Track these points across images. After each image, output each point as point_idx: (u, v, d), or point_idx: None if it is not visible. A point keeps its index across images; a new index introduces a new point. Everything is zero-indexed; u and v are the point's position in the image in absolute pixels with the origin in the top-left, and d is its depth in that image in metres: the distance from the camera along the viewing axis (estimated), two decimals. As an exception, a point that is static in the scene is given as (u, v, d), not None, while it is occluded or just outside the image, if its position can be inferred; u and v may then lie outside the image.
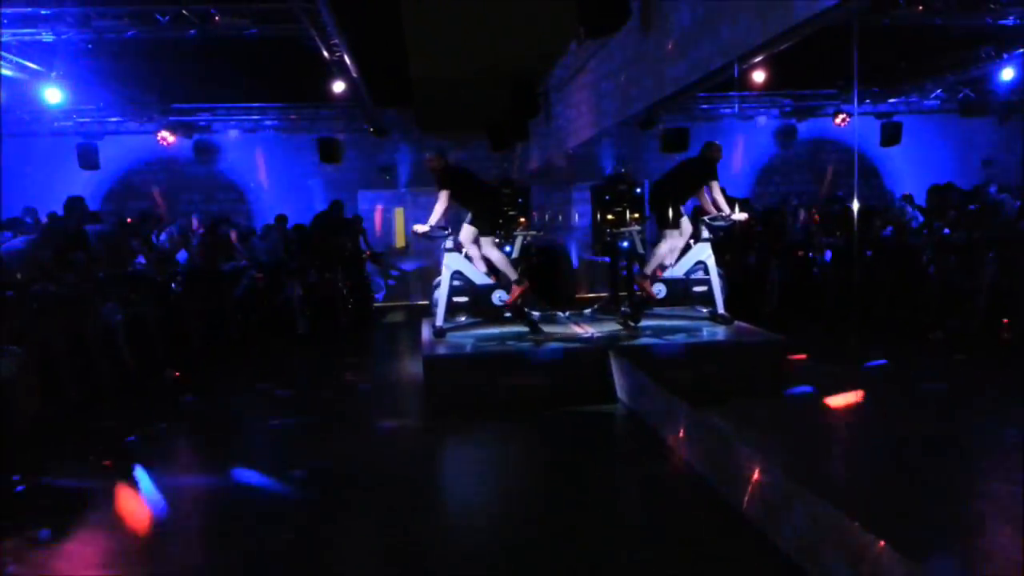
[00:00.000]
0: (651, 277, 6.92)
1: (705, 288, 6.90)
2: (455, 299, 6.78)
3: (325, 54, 8.52)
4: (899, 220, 9.25)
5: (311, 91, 11.11)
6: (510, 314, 6.88)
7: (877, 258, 9.01)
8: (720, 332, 6.67)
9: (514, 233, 6.94)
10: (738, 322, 6.83)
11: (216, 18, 7.53)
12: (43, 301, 6.11)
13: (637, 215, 7.28)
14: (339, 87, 10.17)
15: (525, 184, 12.85)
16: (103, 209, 11.85)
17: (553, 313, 7.84)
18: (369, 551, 3.58)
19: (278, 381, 7.18)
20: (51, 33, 7.55)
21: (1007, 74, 10.32)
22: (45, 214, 9.42)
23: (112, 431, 5.54)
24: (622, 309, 7.28)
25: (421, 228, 6.72)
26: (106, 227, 8.14)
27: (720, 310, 6.85)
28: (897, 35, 8.75)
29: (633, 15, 6.29)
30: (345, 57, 8.69)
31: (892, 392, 6.02)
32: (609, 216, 7.53)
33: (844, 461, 4.80)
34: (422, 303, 10.34)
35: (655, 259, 7.03)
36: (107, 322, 6.76)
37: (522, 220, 7.13)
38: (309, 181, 13.09)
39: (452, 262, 6.75)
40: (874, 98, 12.31)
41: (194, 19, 7.51)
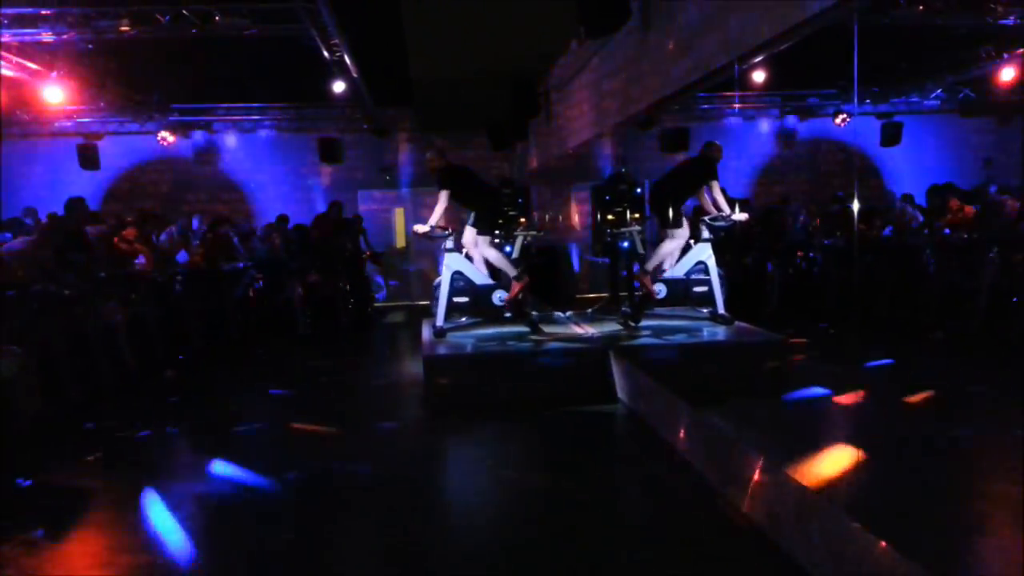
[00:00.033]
0: (652, 274, 6.92)
1: (705, 288, 6.91)
2: (455, 299, 6.78)
3: (325, 54, 8.53)
4: (900, 220, 9.24)
5: (311, 91, 11.13)
6: (510, 314, 6.87)
7: (877, 258, 9.01)
8: (720, 332, 6.66)
9: (514, 233, 6.95)
10: (738, 322, 6.83)
11: (217, 18, 7.54)
12: (43, 301, 6.11)
13: (637, 215, 7.28)
14: (339, 87, 10.19)
15: (525, 184, 12.86)
16: (103, 209, 11.85)
17: (554, 313, 7.84)
18: (369, 551, 3.58)
19: (278, 381, 7.19)
20: (52, 33, 7.56)
21: (1007, 74, 10.31)
22: (45, 214, 9.42)
23: (113, 431, 5.55)
24: (622, 309, 7.28)
25: (421, 228, 6.72)
26: (106, 228, 8.13)
27: (720, 310, 6.85)
28: (897, 35, 8.75)
29: (634, 15, 6.29)
30: (345, 57, 8.70)
31: (893, 392, 6.02)
32: (609, 216, 7.54)
33: (845, 461, 4.79)
34: (423, 303, 10.34)
35: (657, 256, 7.05)
36: (108, 322, 6.76)
37: (522, 220, 7.12)
38: (310, 181, 13.10)
39: (452, 262, 6.75)
40: (874, 98, 12.31)
41: (195, 19, 7.52)
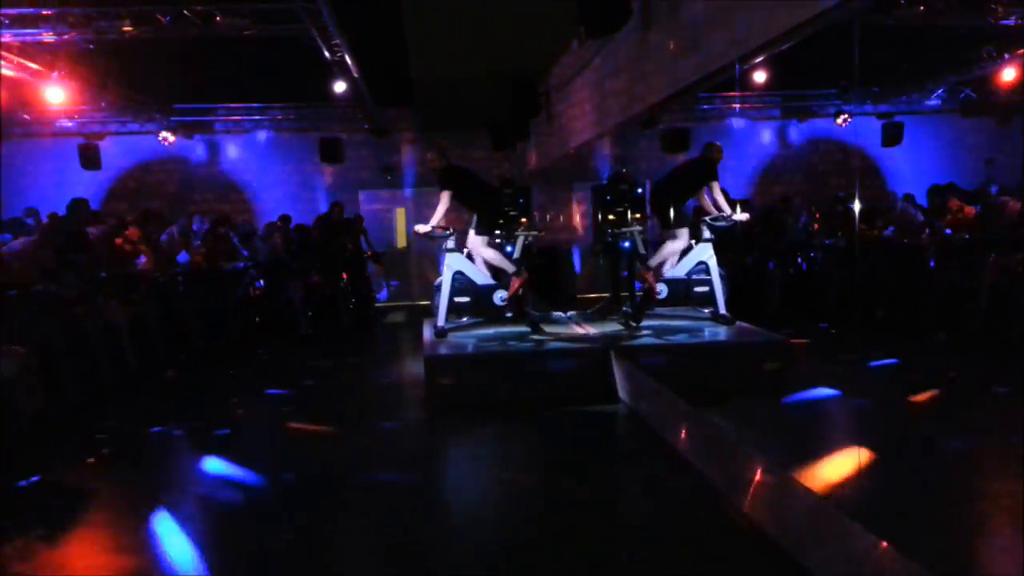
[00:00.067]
0: (655, 271, 6.93)
1: (706, 288, 6.90)
2: (456, 299, 6.78)
3: (326, 54, 8.53)
4: (902, 220, 9.23)
5: (312, 91, 11.13)
6: (512, 314, 6.87)
7: (879, 258, 9.00)
8: (721, 332, 6.66)
9: (516, 233, 6.95)
10: (739, 322, 6.83)
11: (217, 19, 7.54)
12: (44, 301, 6.11)
13: (638, 215, 7.26)
14: (340, 87, 10.18)
15: (526, 184, 12.85)
16: (105, 210, 11.85)
17: (554, 313, 7.83)
18: (369, 551, 3.58)
19: (279, 381, 7.20)
20: (53, 33, 7.57)
21: (1008, 74, 10.30)
22: (46, 215, 9.42)
23: (114, 431, 5.55)
24: (624, 309, 7.27)
25: (422, 228, 6.72)
26: (107, 228, 8.13)
27: (722, 310, 6.84)
28: (898, 35, 8.74)
29: (634, 14, 6.28)
30: (346, 57, 8.70)
31: (894, 392, 6.01)
32: (610, 216, 7.52)
33: (846, 461, 4.78)
34: (423, 303, 10.33)
35: (661, 255, 7.06)
36: (110, 322, 6.76)
37: (523, 220, 7.11)
38: (310, 181, 13.10)
39: (453, 262, 6.75)
40: (875, 98, 12.30)
41: (196, 19, 7.52)
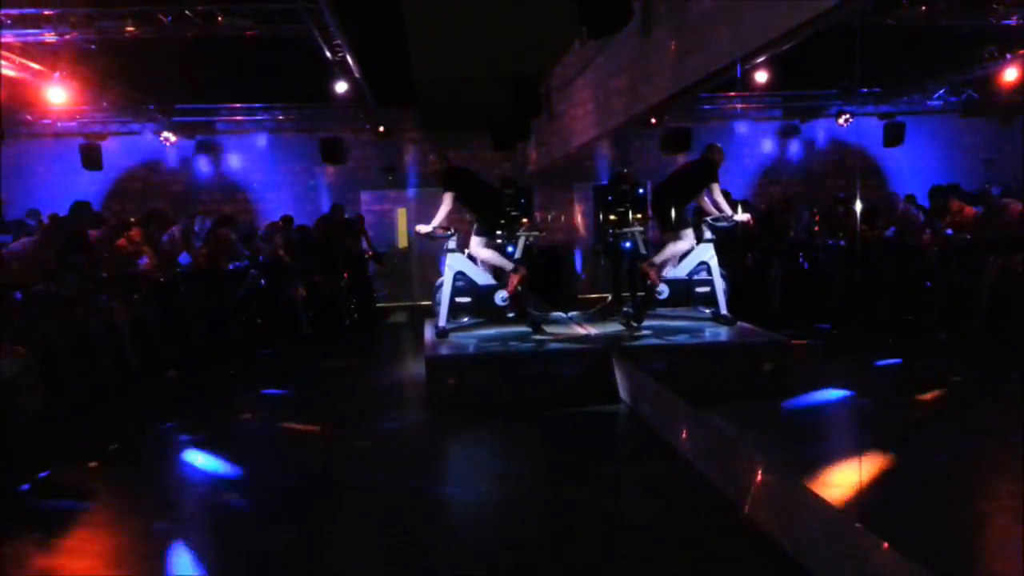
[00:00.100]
0: (658, 267, 6.94)
1: (708, 289, 6.90)
2: (458, 300, 6.78)
3: (328, 54, 8.53)
4: (904, 221, 9.22)
5: (314, 91, 11.12)
6: (513, 314, 6.87)
7: (880, 259, 8.99)
8: (723, 333, 6.66)
9: (517, 233, 6.95)
10: (740, 323, 6.82)
11: (219, 19, 7.54)
12: (45, 301, 6.11)
13: (640, 216, 7.27)
14: (342, 87, 10.18)
15: (527, 184, 12.85)
16: (105, 209, 11.86)
17: (555, 314, 7.83)
18: (369, 551, 3.58)
19: (280, 381, 7.20)
20: (54, 34, 7.56)
21: (1009, 74, 10.28)
22: (48, 215, 9.43)
23: (115, 431, 5.55)
24: (625, 310, 7.27)
25: (424, 229, 6.74)
26: (108, 230, 8.14)
27: (723, 311, 6.84)
28: (900, 35, 8.73)
29: (636, 14, 6.27)
30: (348, 57, 8.70)
31: (895, 392, 6.01)
32: (611, 217, 7.53)
33: (846, 462, 4.78)
34: (424, 303, 10.33)
35: (665, 253, 7.07)
36: (111, 322, 6.77)
37: (524, 220, 7.12)
38: (312, 181, 13.10)
39: (455, 263, 6.75)
40: (876, 99, 12.28)
41: (197, 20, 7.52)
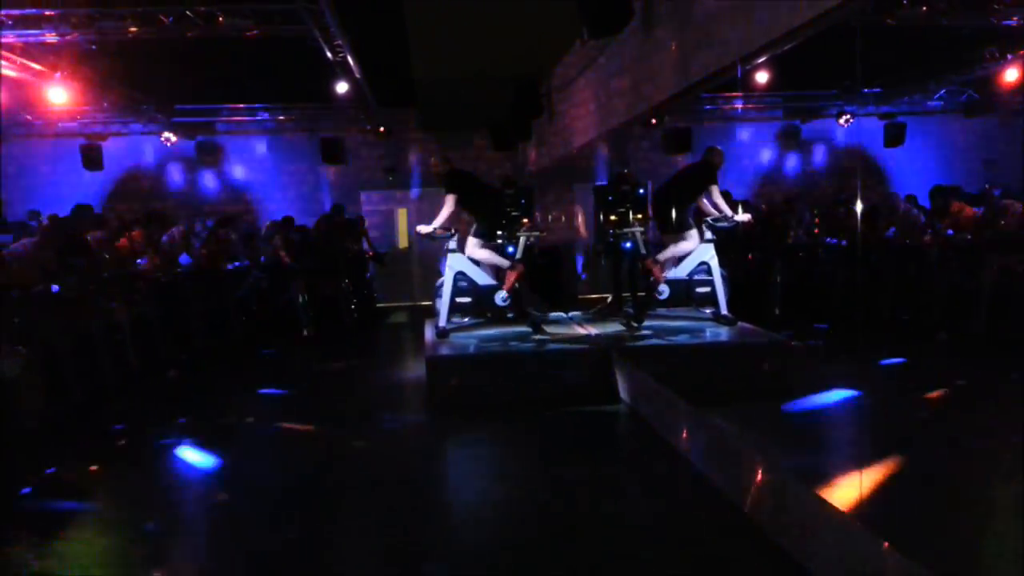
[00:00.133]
0: (662, 264, 6.95)
1: (708, 289, 6.90)
2: (458, 300, 6.78)
3: (328, 55, 8.54)
4: (905, 221, 9.21)
5: (314, 92, 11.14)
6: (513, 314, 6.88)
7: (881, 259, 8.99)
8: (723, 333, 6.65)
9: (517, 233, 6.96)
10: (741, 323, 6.82)
11: (220, 19, 7.55)
12: (46, 301, 6.12)
13: (640, 216, 7.28)
14: (342, 88, 10.19)
15: (528, 184, 12.85)
16: (106, 210, 11.87)
17: (556, 314, 7.83)
18: (369, 551, 3.58)
19: (280, 381, 7.20)
20: (55, 34, 7.57)
21: (1010, 75, 10.28)
22: (48, 216, 9.44)
23: (115, 430, 5.56)
24: (625, 310, 7.27)
25: (424, 229, 6.74)
26: (109, 233, 8.15)
27: (723, 311, 6.84)
28: (901, 36, 8.73)
29: (636, 14, 6.27)
30: (348, 58, 8.71)
31: (895, 392, 6.01)
32: (612, 217, 7.54)
33: (847, 462, 4.78)
34: (425, 303, 10.34)
35: (668, 252, 7.10)
36: (112, 322, 6.77)
37: (525, 220, 7.13)
38: (313, 182, 13.10)
39: (455, 263, 6.75)
40: (877, 99, 12.28)
41: (198, 20, 7.53)
